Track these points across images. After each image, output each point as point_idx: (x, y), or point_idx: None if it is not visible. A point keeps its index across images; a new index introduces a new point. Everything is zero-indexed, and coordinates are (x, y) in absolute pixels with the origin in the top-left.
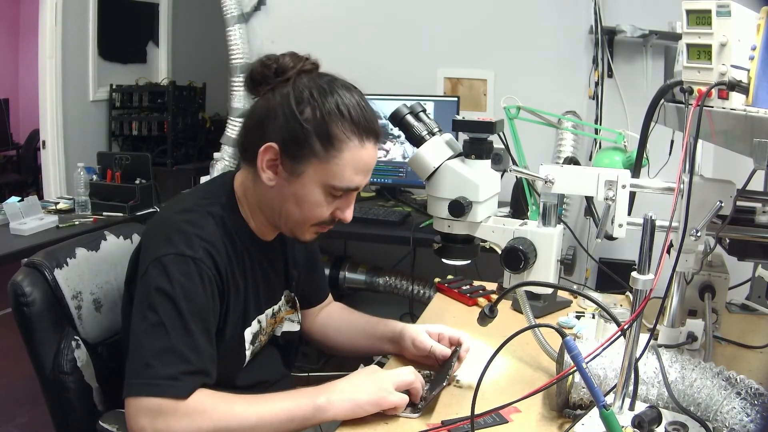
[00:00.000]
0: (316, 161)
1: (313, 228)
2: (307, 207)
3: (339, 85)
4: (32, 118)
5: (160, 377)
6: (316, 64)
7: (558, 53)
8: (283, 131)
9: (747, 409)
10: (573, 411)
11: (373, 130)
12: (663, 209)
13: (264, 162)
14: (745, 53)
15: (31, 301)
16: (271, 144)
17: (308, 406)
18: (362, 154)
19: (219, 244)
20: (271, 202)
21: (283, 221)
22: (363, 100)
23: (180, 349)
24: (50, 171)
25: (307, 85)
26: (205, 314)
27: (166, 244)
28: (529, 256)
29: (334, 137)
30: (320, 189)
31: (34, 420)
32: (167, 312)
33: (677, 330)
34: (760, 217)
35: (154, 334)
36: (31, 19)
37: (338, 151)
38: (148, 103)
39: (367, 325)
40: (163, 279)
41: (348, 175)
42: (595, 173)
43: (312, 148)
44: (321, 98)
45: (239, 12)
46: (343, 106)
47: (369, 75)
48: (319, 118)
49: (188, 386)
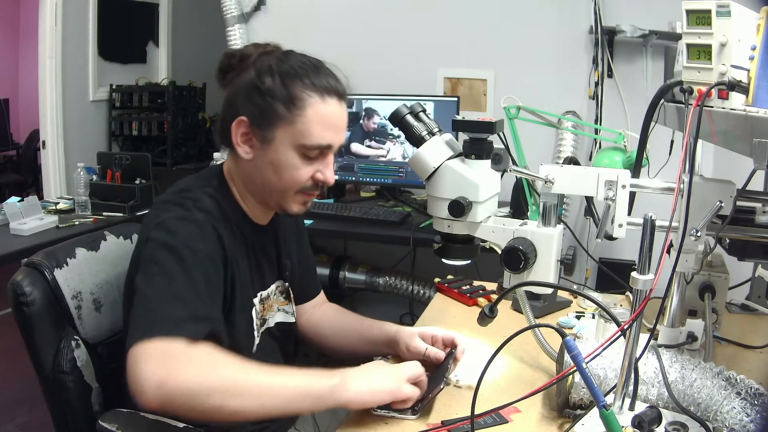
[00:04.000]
0: (283, 124)
1: (298, 196)
2: (285, 172)
3: (297, 57)
4: (32, 118)
5: (164, 320)
6: (277, 47)
7: (558, 53)
8: (249, 104)
9: (747, 409)
10: (573, 411)
11: (333, 88)
12: (663, 209)
13: (238, 137)
14: (745, 53)
15: (31, 301)
16: (241, 117)
17: (324, 385)
18: (326, 109)
19: (217, 217)
20: (252, 177)
21: (268, 193)
22: (321, 63)
23: (184, 295)
24: (50, 171)
25: (267, 61)
26: (208, 270)
27: (166, 213)
28: (529, 256)
29: (295, 97)
30: (293, 151)
31: (34, 420)
32: (170, 262)
33: (677, 330)
34: (760, 217)
35: (157, 283)
36: (31, 19)
37: (301, 110)
38: (148, 103)
39: (362, 328)
40: (165, 235)
41: (316, 132)
42: (595, 173)
43: (276, 111)
44: (279, 66)
45: (239, 12)
46: (300, 68)
47: (369, 75)
48: (279, 83)
49: (194, 330)
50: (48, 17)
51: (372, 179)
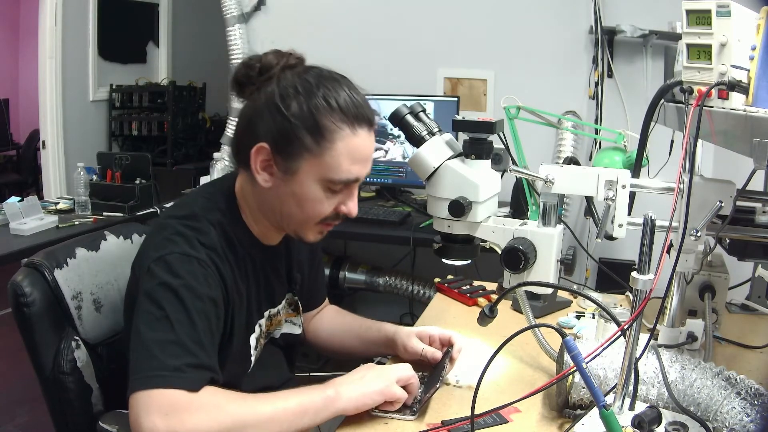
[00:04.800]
0: (310, 156)
1: (317, 226)
2: (307, 205)
3: (325, 76)
4: (32, 118)
5: (165, 368)
6: (300, 58)
7: (558, 53)
8: (272, 129)
9: (747, 409)
10: (573, 411)
11: (365, 117)
12: (663, 209)
13: (257, 164)
14: (745, 53)
15: (31, 301)
16: (262, 144)
17: (319, 398)
18: (356, 142)
19: (221, 252)
20: (271, 205)
21: (286, 222)
22: (351, 88)
23: (185, 342)
24: (50, 171)
25: (292, 80)
26: (209, 315)
27: (169, 245)
28: (529, 256)
29: (323, 128)
30: (318, 184)
31: (34, 420)
32: (172, 306)
33: (677, 330)
34: (760, 217)
35: (158, 327)
36: (31, 19)
37: (330, 143)
38: (148, 103)
39: (360, 329)
40: (168, 275)
41: (344, 166)
42: (595, 173)
43: (303, 142)
44: (306, 91)
45: (239, 12)
46: (330, 96)
47: (369, 75)
48: (306, 111)
49: (195, 379)
50: (48, 17)
51: (372, 179)
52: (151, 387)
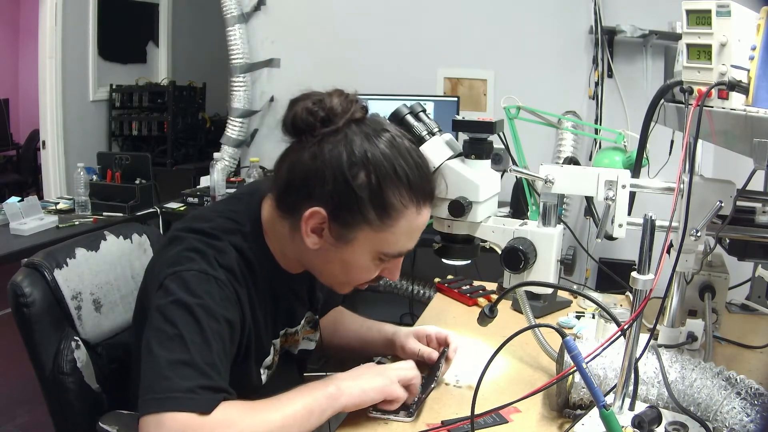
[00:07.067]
0: (369, 229)
1: (356, 285)
2: (354, 271)
3: (392, 137)
4: (32, 118)
5: (178, 390)
6: (365, 107)
7: (558, 53)
8: (334, 197)
9: (747, 409)
10: (573, 411)
11: (429, 193)
12: (663, 209)
13: (309, 227)
14: (745, 53)
15: (30, 301)
16: (319, 210)
17: (322, 397)
18: (418, 221)
19: (239, 275)
20: (311, 261)
21: (324, 278)
22: (418, 154)
23: (199, 363)
24: (50, 171)
25: (360, 143)
26: (224, 336)
27: (187, 261)
28: (529, 256)
29: (390, 206)
30: (369, 255)
31: (34, 420)
32: (186, 325)
33: (677, 330)
34: (760, 217)
35: (171, 346)
36: (31, 19)
37: (394, 221)
38: (148, 103)
39: (360, 330)
40: (184, 293)
41: (402, 242)
42: (595, 173)
43: (365, 216)
44: (375, 158)
45: (239, 12)
46: (399, 168)
47: (369, 75)
48: (375, 185)
49: (209, 401)
50: (48, 17)
51: None
52: (163, 410)
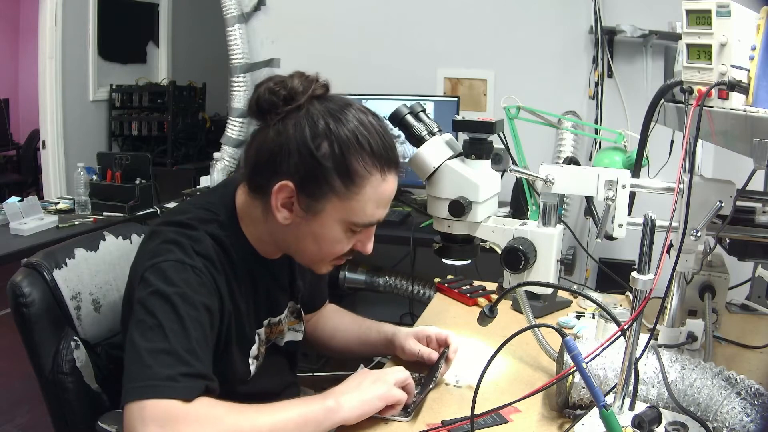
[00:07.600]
0: (336, 198)
1: (331, 261)
2: (326, 244)
3: (355, 111)
4: (32, 118)
5: (158, 378)
6: (326, 86)
7: (558, 53)
8: (299, 169)
9: (747, 409)
10: (573, 411)
11: (394, 161)
12: (663, 209)
13: (278, 201)
14: (745, 53)
15: (30, 301)
16: (287, 183)
17: (319, 409)
18: (384, 188)
19: (216, 262)
20: (285, 239)
21: (300, 256)
22: (380, 124)
23: (178, 351)
24: (50, 171)
25: (321, 114)
26: (204, 323)
27: (164, 252)
28: (529, 256)
29: (354, 173)
30: (340, 225)
31: (34, 420)
32: (165, 314)
33: (677, 330)
34: (760, 217)
35: (151, 336)
36: (31, 19)
37: (359, 188)
38: (148, 103)
39: (360, 330)
40: (161, 283)
41: (369, 210)
42: (595, 173)
43: (331, 185)
44: (338, 129)
45: (239, 12)
46: (361, 136)
47: (369, 75)
48: (338, 153)
49: (189, 388)
50: (48, 17)
51: None
52: (144, 397)
